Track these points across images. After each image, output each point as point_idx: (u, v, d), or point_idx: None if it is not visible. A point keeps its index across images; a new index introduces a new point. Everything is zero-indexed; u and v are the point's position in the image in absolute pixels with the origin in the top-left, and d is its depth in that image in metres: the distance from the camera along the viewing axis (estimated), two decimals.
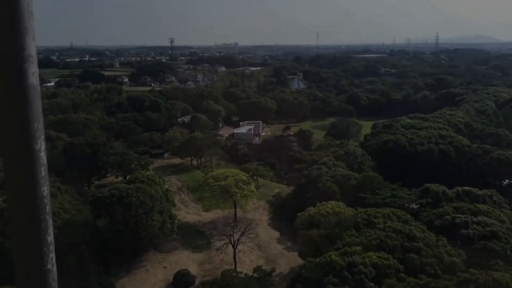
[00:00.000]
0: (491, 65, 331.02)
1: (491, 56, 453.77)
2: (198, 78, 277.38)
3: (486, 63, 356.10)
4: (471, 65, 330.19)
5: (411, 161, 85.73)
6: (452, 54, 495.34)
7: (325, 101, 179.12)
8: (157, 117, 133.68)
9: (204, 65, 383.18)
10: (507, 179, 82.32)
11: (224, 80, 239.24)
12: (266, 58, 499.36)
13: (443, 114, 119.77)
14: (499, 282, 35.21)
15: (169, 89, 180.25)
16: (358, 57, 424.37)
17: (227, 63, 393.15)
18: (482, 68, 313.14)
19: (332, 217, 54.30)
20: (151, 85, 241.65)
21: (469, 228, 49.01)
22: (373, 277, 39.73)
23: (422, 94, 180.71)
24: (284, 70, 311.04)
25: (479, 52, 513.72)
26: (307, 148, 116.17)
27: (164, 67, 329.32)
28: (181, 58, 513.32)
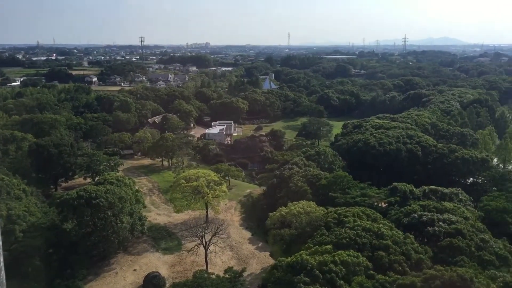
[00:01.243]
0: (456, 67, 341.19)
1: (457, 58, 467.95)
2: (169, 78, 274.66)
3: (452, 65, 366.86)
4: (438, 66, 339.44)
5: (380, 160, 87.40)
6: (420, 56, 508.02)
7: (297, 101, 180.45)
8: (127, 117, 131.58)
9: (175, 65, 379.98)
10: (472, 177, 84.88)
11: (196, 80, 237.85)
12: (237, 58, 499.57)
13: (411, 114, 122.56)
14: (463, 277, 36.25)
15: (139, 89, 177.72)
16: (328, 58, 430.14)
17: (198, 63, 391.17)
18: (448, 69, 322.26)
19: (303, 217, 54.67)
20: (121, 85, 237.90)
21: (435, 225, 50.31)
22: (343, 275, 40.23)
23: (390, 95, 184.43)
24: (256, 70, 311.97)
25: (445, 54, 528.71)
26: (278, 148, 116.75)
27: (134, 66, 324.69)
28: (151, 58, 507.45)
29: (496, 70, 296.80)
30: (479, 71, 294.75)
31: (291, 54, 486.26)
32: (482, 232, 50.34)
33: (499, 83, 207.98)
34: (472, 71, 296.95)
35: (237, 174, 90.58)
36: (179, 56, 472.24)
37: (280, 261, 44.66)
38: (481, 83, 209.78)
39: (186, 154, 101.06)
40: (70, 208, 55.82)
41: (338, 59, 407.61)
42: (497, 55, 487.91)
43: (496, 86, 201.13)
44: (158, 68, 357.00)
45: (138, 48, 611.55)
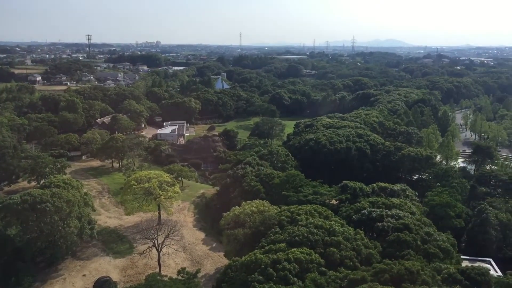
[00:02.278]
0: (402, 68, 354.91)
1: (402, 59, 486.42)
2: (118, 77, 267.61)
3: (398, 66, 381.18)
4: (384, 67, 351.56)
5: (331, 158, 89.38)
6: (368, 57, 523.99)
7: (249, 101, 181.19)
8: (74, 117, 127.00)
9: (124, 64, 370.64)
10: (417, 174, 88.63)
11: (146, 80, 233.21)
12: (189, 57, 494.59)
13: (360, 113, 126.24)
14: (410, 270, 37.72)
15: (87, 88, 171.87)
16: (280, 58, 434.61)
17: (149, 62, 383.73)
18: (394, 70, 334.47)
19: (257, 216, 54.91)
20: (67, 84, 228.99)
21: (384, 221, 52.02)
22: (296, 273, 40.76)
23: (340, 95, 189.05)
24: (208, 70, 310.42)
25: (392, 56, 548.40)
26: (232, 148, 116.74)
27: (81, 65, 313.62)
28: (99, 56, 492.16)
29: (439, 71, 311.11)
30: (423, 72, 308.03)
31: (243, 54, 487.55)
32: (427, 226, 52.57)
33: (441, 83, 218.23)
34: (417, 72, 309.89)
35: (190, 175, 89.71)
36: (129, 55, 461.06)
37: (234, 261, 44.61)
38: (425, 83, 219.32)
39: (137, 155, 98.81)
40: (13, 213, 53.17)
41: (289, 59, 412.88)
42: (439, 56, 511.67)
43: (438, 86, 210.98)
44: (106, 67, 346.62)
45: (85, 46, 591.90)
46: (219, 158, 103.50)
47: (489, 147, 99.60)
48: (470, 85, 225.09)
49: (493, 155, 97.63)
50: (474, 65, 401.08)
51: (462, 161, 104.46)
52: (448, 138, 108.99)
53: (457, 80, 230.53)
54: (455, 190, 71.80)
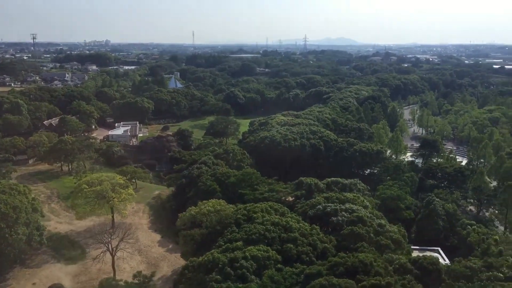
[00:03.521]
0: (352, 66, 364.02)
1: (352, 57, 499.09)
2: (66, 77, 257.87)
3: (348, 64, 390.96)
4: (336, 65, 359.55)
5: (286, 156, 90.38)
6: (319, 55, 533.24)
7: (203, 100, 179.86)
8: (19, 120, 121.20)
9: (72, 64, 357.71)
10: (369, 168, 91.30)
11: (96, 80, 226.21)
12: (141, 56, 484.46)
13: (313, 111, 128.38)
14: (364, 262, 38.81)
15: (32, 89, 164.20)
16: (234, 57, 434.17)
17: (98, 61, 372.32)
18: (345, 68, 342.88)
19: (213, 216, 54.69)
20: (11, 85, 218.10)
21: (338, 215, 53.20)
22: (254, 270, 40.94)
23: (294, 93, 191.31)
24: (161, 69, 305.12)
25: (343, 54, 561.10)
26: (186, 148, 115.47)
27: (26, 65, 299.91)
28: (45, 56, 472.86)
29: (387, 69, 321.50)
30: (372, 69, 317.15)
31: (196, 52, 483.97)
32: (379, 219, 54.26)
33: (390, 80, 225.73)
34: (367, 70, 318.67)
35: (144, 176, 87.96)
36: (77, 54, 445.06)
37: (191, 262, 44.23)
38: (374, 80, 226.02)
39: (88, 158, 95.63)
40: None
41: (243, 58, 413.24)
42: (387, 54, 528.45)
43: (387, 83, 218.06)
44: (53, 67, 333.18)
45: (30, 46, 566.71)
46: (174, 158, 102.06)
47: (435, 141, 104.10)
48: (416, 81, 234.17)
49: (439, 148, 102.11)
50: (420, 62, 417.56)
51: (411, 155, 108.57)
52: (397, 133, 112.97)
53: (405, 77, 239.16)
54: (404, 183, 74.52)
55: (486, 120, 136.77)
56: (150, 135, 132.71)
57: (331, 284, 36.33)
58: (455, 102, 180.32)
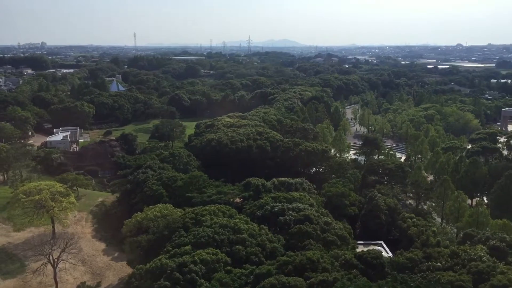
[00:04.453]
0: (296, 67, 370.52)
1: (296, 58, 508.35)
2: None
3: (292, 65, 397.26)
4: (280, 66, 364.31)
5: (233, 157, 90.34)
6: (264, 56, 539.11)
7: (147, 103, 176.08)
8: None
9: (5, 67, 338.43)
10: (314, 167, 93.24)
11: (32, 84, 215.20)
12: (80, 59, 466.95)
13: (259, 112, 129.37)
14: (311, 259, 39.58)
15: None
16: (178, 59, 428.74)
17: (34, 64, 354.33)
18: (289, 69, 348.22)
19: (160, 221, 53.68)
20: None
21: (286, 214, 53.97)
22: (203, 274, 40.60)
23: (239, 94, 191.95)
24: (101, 72, 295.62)
25: (286, 55, 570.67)
26: (131, 152, 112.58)
27: None
28: None
29: (329, 70, 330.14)
30: (315, 70, 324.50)
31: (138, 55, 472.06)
32: (325, 216, 55.62)
33: (332, 81, 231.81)
34: (310, 71, 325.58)
35: (86, 183, 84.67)
36: (10, 58, 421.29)
37: (138, 269, 43.15)
38: (318, 81, 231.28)
39: (24, 166, 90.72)
40: None
41: (187, 60, 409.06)
42: (329, 55, 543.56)
43: (329, 84, 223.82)
44: None
45: None
46: (117, 163, 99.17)
47: (376, 139, 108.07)
48: (357, 82, 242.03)
49: (379, 146, 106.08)
50: (360, 63, 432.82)
51: (354, 153, 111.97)
52: (340, 132, 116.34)
53: (346, 78, 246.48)
54: (348, 181, 76.77)
55: (422, 117, 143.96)
56: (92, 141, 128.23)
57: (280, 283, 36.73)
58: (393, 101, 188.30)
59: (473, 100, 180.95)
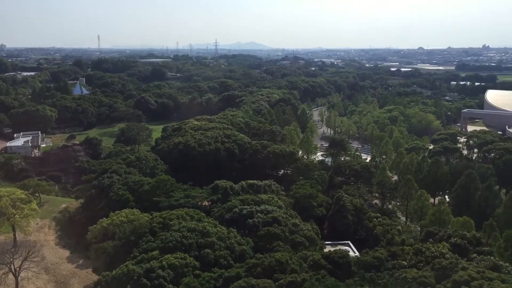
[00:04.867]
0: (263, 69, 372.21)
1: (263, 61, 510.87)
2: None
3: (259, 68, 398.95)
4: (247, 69, 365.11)
5: (201, 160, 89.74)
6: (231, 59, 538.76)
7: (112, 106, 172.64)
8: None
9: None
10: (282, 169, 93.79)
11: None
12: (41, 61, 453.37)
13: (226, 115, 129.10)
14: (280, 261, 39.77)
15: None
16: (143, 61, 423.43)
17: None
18: (256, 72, 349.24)
19: (127, 226, 52.72)
20: None
21: (254, 217, 54.06)
22: (171, 279, 40.13)
23: (207, 97, 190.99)
24: (64, 75, 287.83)
25: (253, 58, 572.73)
26: (96, 157, 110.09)
27: None
28: None
29: (296, 72, 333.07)
30: (282, 73, 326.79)
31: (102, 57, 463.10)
32: (293, 218, 56.03)
33: (299, 83, 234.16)
34: (277, 73, 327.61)
35: (49, 189, 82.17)
36: None
37: (104, 276, 42.23)
38: (284, 84, 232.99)
39: None
40: None
41: (153, 63, 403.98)
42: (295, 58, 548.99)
43: (296, 86, 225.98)
44: None
45: None
46: (82, 168, 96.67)
47: (342, 140, 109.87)
48: (323, 84, 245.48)
49: (346, 147, 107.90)
50: (326, 66, 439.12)
51: (321, 154, 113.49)
52: (308, 134, 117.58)
53: (313, 80, 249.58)
54: (316, 182, 77.62)
55: (386, 119, 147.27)
56: (55, 145, 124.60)
57: (249, 286, 36.72)
58: (359, 103, 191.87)
59: (435, 102, 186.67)
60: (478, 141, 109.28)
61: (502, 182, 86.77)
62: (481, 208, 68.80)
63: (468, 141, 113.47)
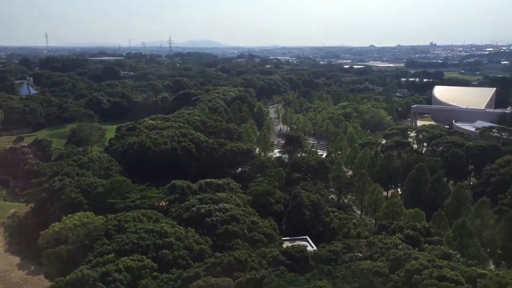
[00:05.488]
0: (218, 67, 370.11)
1: (218, 59, 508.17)
2: None
3: (215, 65, 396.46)
4: (202, 67, 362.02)
5: (157, 160, 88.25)
6: (185, 57, 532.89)
7: (63, 106, 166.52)
8: None
9: None
10: (240, 167, 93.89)
11: None
12: None
13: (182, 113, 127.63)
14: (239, 259, 39.83)
15: None
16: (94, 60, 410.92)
17: None
18: (212, 70, 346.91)
19: (80, 229, 51.12)
20: None
21: (212, 215, 53.81)
22: (129, 282, 39.31)
23: (162, 96, 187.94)
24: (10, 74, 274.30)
25: (208, 56, 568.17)
26: (46, 159, 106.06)
27: None
28: None
29: (252, 70, 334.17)
30: (238, 70, 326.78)
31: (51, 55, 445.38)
32: (252, 215, 56.24)
33: (255, 81, 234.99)
34: (232, 71, 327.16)
35: None
36: None
37: (57, 282, 40.80)
38: (240, 81, 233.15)
39: None
40: None
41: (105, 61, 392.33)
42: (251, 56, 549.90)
43: (252, 84, 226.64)
44: None
45: None
46: (31, 171, 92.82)
47: (298, 137, 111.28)
48: (279, 82, 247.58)
49: (302, 144, 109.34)
50: (281, 63, 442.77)
51: (278, 151, 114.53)
52: (264, 132, 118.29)
53: (268, 78, 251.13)
54: (273, 179, 78.21)
55: (341, 115, 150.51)
56: (1, 148, 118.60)
57: (209, 285, 36.54)
58: (314, 100, 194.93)
59: (386, 98, 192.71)
60: (427, 135, 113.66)
61: (450, 174, 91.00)
62: (431, 199, 71.62)
63: (418, 135, 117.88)
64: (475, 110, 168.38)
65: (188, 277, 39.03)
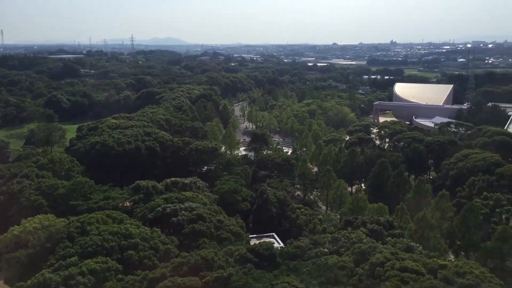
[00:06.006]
0: (182, 65, 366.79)
1: (182, 57, 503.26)
2: None
3: (178, 63, 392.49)
4: (166, 65, 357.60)
5: (121, 160, 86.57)
6: (148, 55, 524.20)
7: (20, 106, 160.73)
8: None
9: None
10: (206, 165, 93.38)
11: None
12: None
13: (146, 112, 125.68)
14: (206, 258, 39.64)
15: None
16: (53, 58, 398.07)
17: None
18: (176, 68, 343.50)
19: (41, 232, 49.43)
20: None
21: (178, 215, 53.29)
22: (93, 285, 38.42)
23: (124, 94, 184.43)
24: None
25: (172, 54, 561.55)
26: (3, 161, 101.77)
27: None
28: None
29: (216, 68, 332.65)
30: (202, 68, 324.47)
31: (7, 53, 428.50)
32: (218, 214, 56.06)
33: (220, 79, 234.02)
34: (197, 69, 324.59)
35: None
36: None
37: (18, 287, 39.41)
38: (205, 79, 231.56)
39: None
40: None
41: (64, 59, 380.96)
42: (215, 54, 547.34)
43: (217, 82, 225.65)
44: None
45: None
46: None
47: (264, 135, 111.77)
48: (244, 79, 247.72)
49: (268, 141, 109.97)
50: (245, 61, 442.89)
51: (244, 149, 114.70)
52: (230, 130, 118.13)
53: (233, 76, 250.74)
54: (240, 177, 78.28)
55: (305, 112, 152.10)
56: None
57: (175, 285, 36.19)
58: (279, 98, 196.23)
59: (349, 95, 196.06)
60: (388, 131, 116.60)
61: (411, 168, 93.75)
62: (394, 193, 73.55)
63: (380, 131, 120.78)
64: (434, 106, 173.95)
65: (154, 278, 38.51)
